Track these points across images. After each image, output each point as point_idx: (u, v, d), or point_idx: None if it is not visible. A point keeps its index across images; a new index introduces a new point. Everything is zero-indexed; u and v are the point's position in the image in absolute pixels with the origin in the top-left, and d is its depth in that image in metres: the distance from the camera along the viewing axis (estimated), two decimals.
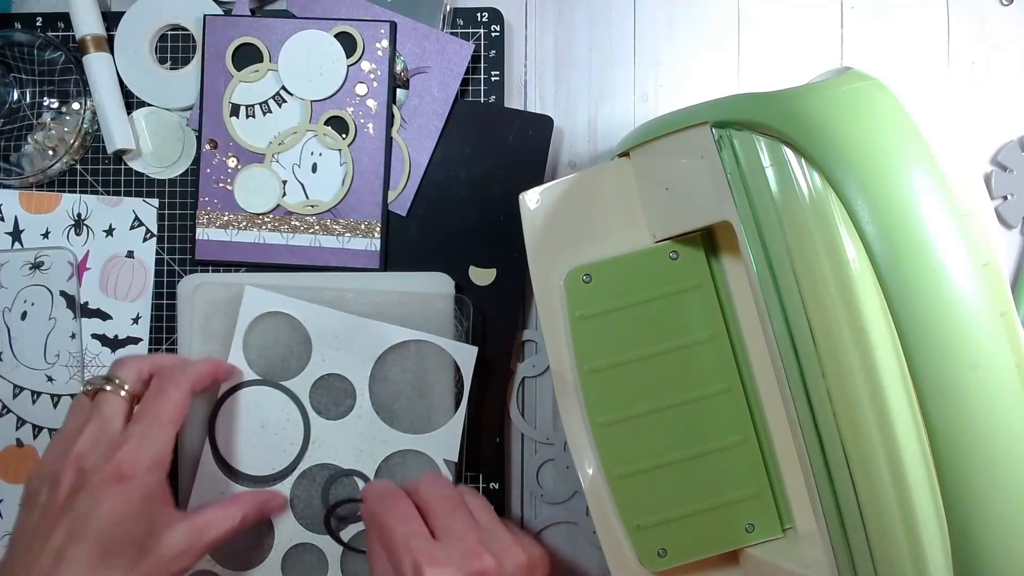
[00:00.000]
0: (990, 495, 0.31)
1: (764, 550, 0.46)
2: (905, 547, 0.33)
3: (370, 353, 0.50)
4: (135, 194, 0.55)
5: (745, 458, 0.47)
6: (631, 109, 0.55)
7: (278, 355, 0.50)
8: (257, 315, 0.50)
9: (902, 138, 0.33)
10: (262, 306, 0.50)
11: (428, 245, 0.54)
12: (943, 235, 0.32)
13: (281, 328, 0.50)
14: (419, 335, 0.50)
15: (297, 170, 0.53)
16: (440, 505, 0.42)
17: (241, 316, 0.50)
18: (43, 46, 0.54)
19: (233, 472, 0.50)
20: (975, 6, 0.54)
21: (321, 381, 0.50)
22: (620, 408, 0.46)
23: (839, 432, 0.35)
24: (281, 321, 0.50)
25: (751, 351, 0.47)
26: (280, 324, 0.50)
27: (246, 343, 0.50)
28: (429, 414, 0.50)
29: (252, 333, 0.50)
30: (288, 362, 0.50)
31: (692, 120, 0.40)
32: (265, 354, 0.50)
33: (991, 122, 0.54)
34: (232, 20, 0.53)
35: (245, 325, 0.50)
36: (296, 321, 0.50)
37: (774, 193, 0.35)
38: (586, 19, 0.55)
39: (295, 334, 0.50)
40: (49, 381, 0.54)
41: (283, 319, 0.50)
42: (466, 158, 0.53)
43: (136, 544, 0.39)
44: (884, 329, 0.33)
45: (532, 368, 0.54)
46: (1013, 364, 0.32)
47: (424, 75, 0.53)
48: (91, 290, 0.54)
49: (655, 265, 0.47)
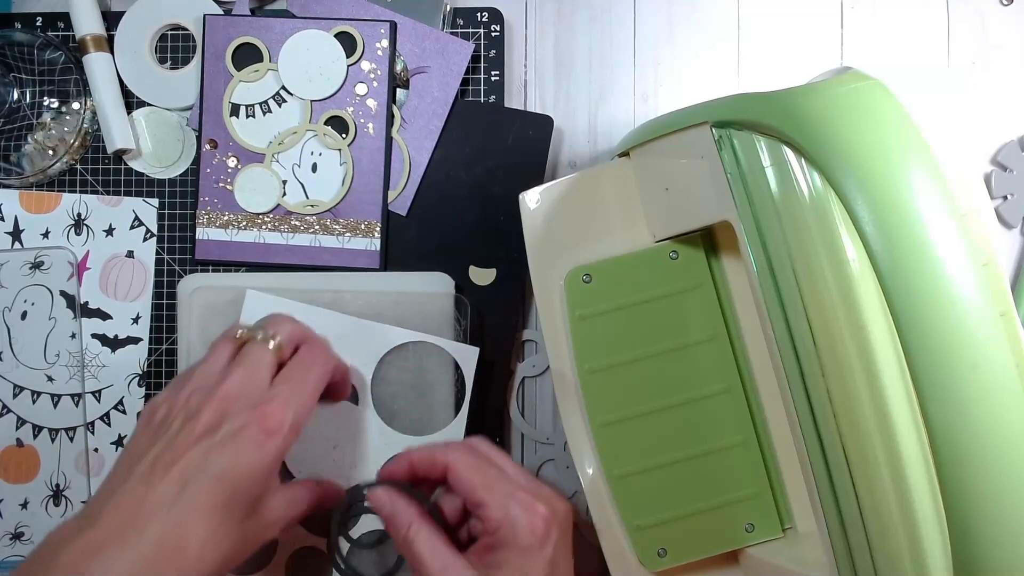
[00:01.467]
0: (990, 495, 0.31)
1: (764, 550, 0.46)
2: (905, 547, 0.33)
3: (372, 355, 0.50)
4: (135, 194, 0.55)
5: (745, 458, 0.47)
6: (631, 109, 0.55)
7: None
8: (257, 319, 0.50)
9: (902, 138, 0.33)
10: (263, 310, 0.50)
11: (428, 245, 0.54)
12: (943, 235, 0.32)
13: None
14: (420, 336, 0.50)
15: (297, 170, 0.53)
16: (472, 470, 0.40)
17: (242, 321, 0.50)
18: (43, 46, 0.54)
19: None
20: (975, 6, 0.54)
21: None
22: (620, 408, 0.46)
23: (839, 432, 0.35)
24: None
25: (751, 351, 0.47)
26: None
27: None
28: (431, 415, 0.50)
29: None
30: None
31: (692, 120, 0.40)
32: None
33: (991, 122, 0.54)
34: (232, 20, 0.53)
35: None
36: None
37: (774, 193, 0.35)
38: (586, 19, 0.55)
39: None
40: (49, 381, 0.54)
41: None
42: (466, 158, 0.53)
43: (252, 501, 0.37)
44: (884, 329, 0.33)
45: (532, 368, 0.54)
46: (1013, 364, 0.32)
47: (424, 75, 0.53)
48: (91, 290, 0.54)
49: (655, 265, 0.47)
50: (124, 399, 0.54)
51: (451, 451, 0.40)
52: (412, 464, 0.41)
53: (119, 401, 0.54)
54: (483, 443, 0.42)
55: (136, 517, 0.35)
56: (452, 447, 0.41)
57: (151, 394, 0.54)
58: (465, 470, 0.39)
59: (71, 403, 0.54)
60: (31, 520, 0.54)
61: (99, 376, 0.54)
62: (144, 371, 0.54)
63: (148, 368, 0.54)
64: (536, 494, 0.39)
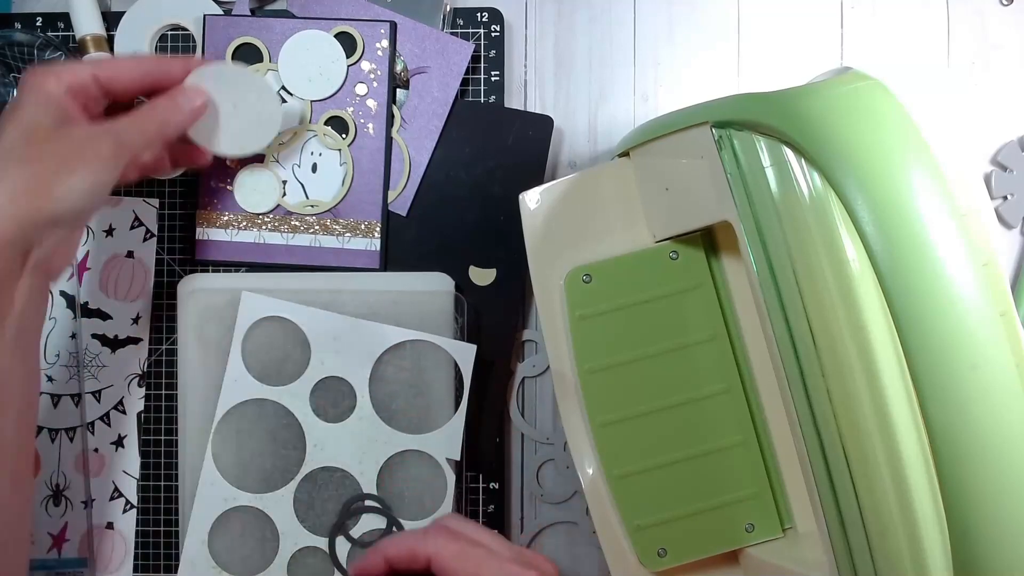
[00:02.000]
0: (990, 495, 0.31)
1: (764, 550, 0.46)
2: (905, 547, 0.33)
3: (369, 355, 0.50)
4: (135, 194, 0.55)
5: (745, 458, 0.47)
6: (631, 109, 0.55)
7: (277, 360, 0.50)
8: (254, 321, 0.50)
9: (902, 138, 0.33)
10: (259, 311, 0.50)
11: (428, 245, 0.54)
12: (943, 235, 0.32)
13: (279, 333, 0.50)
14: (417, 335, 0.50)
15: (297, 170, 0.53)
16: (450, 549, 0.39)
17: (239, 323, 0.50)
18: (43, 46, 0.54)
19: (236, 479, 0.50)
20: (975, 6, 0.54)
21: (321, 384, 0.50)
22: (620, 408, 0.46)
23: (839, 432, 0.35)
24: (279, 326, 0.50)
25: (751, 351, 0.47)
26: (278, 329, 0.50)
27: (244, 349, 0.50)
28: (429, 413, 0.50)
29: (250, 339, 0.50)
30: (287, 366, 0.50)
31: (692, 120, 0.40)
32: (264, 359, 0.50)
33: (991, 122, 0.53)
34: (232, 20, 0.53)
35: (243, 332, 0.50)
36: (294, 325, 0.50)
37: (774, 193, 0.35)
38: (586, 19, 0.55)
39: (293, 338, 0.50)
40: (49, 381, 0.54)
41: (281, 324, 0.50)
42: (466, 158, 0.53)
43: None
44: (884, 329, 0.33)
45: (532, 368, 0.54)
46: (1013, 364, 0.32)
47: (424, 75, 0.53)
48: (91, 290, 0.54)
49: (655, 265, 0.47)
50: (124, 399, 0.54)
51: (431, 541, 0.38)
52: (388, 559, 0.38)
53: (119, 401, 0.54)
54: (458, 520, 0.40)
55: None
56: (431, 536, 0.38)
57: (151, 394, 0.54)
58: (451, 560, 0.37)
59: (71, 403, 0.54)
60: (31, 520, 0.54)
61: (99, 376, 0.54)
62: (144, 371, 0.54)
63: (148, 368, 0.54)
64: (524, 563, 0.38)
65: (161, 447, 0.54)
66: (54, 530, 0.53)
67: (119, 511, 0.54)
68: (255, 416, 0.50)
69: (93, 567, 0.53)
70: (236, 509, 0.50)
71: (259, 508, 0.50)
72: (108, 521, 0.54)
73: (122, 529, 0.54)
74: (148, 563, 0.53)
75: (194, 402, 0.51)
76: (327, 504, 0.50)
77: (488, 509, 0.53)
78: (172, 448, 0.53)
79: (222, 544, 0.50)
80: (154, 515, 0.54)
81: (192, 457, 0.50)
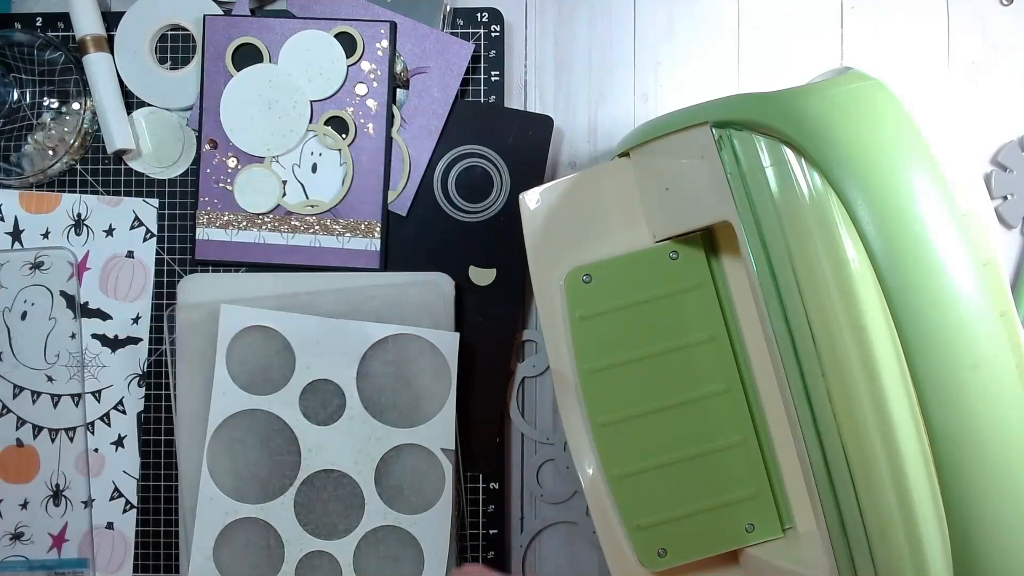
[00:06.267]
0: (990, 495, 0.31)
1: (764, 550, 0.46)
2: (905, 547, 0.33)
3: (353, 354, 0.50)
4: (135, 194, 0.55)
5: (745, 458, 0.47)
6: (631, 109, 0.55)
7: (263, 368, 0.50)
8: (236, 332, 0.50)
9: (902, 138, 0.33)
10: (239, 322, 0.50)
11: (428, 245, 0.54)
12: (943, 235, 0.32)
13: (261, 342, 0.50)
14: (399, 329, 0.50)
15: (297, 170, 0.53)
16: None
17: (220, 336, 0.50)
18: (43, 46, 0.54)
19: (235, 492, 0.50)
20: (975, 6, 0.54)
21: (308, 388, 0.50)
22: (620, 408, 0.46)
23: (839, 432, 0.35)
24: (260, 335, 0.50)
25: (751, 351, 0.47)
26: (260, 338, 0.50)
27: (229, 361, 0.50)
28: (420, 406, 0.50)
29: (234, 351, 0.50)
30: (273, 374, 0.50)
31: (692, 120, 0.40)
32: (250, 370, 0.50)
33: (991, 122, 0.54)
34: (232, 20, 0.53)
35: (226, 345, 0.50)
36: (276, 332, 0.50)
37: (774, 193, 0.35)
38: (586, 19, 0.55)
39: (276, 345, 0.50)
40: (49, 381, 0.54)
41: (262, 332, 0.50)
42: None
43: None
44: (884, 329, 0.33)
45: (532, 368, 0.54)
46: (1013, 364, 0.32)
47: (424, 75, 0.53)
48: (91, 290, 0.54)
49: (655, 265, 0.47)
50: (124, 399, 0.54)
51: None
52: None
53: (119, 401, 0.54)
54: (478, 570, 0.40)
55: None
56: None
57: (151, 394, 0.54)
58: None
59: (71, 403, 0.54)
60: (31, 520, 0.54)
61: (99, 376, 0.54)
62: (144, 371, 0.54)
63: (148, 368, 0.54)
64: None
65: (161, 447, 0.54)
66: (54, 530, 0.53)
67: (119, 511, 0.54)
68: (247, 427, 0.50)
69: (93, 567, 0.53)
70: (238, 521, 0.50)
71: (260, 518, 0.50)
72: (108, 521, 0.54)
73: (122, 529, 0.54)
74: (148, 563, 0.53)
75: (186, 416, 0.51)
76: (328, 506, 0.50)
77: (488, 509, 0.53)
78: (172, 448, 0.53)
79: (228, 558, 0.50)
80: (154, 515, 0.54)
81: (189, 471, 0.50)
